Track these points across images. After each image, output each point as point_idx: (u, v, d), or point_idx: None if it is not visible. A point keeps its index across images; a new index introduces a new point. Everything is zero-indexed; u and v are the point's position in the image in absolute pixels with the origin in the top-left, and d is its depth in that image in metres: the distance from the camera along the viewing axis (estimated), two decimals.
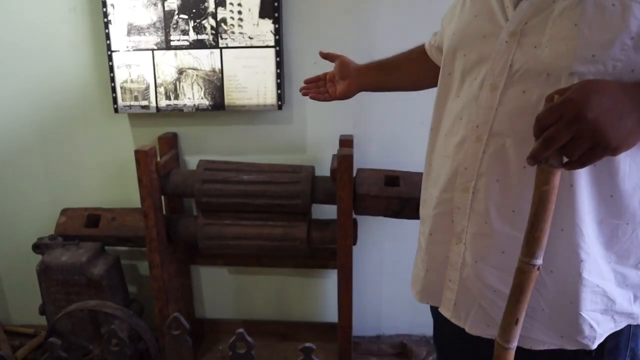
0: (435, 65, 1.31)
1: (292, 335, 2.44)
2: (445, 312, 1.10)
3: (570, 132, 0.75)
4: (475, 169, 0.96)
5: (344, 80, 1.46)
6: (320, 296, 2.43)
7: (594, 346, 0.95)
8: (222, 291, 2.46)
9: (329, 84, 1.50)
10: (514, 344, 0.90)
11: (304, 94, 1.53)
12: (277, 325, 2.44)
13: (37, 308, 2.24)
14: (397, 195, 1.94)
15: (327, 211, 2.20)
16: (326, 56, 1.51)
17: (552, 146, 0.77)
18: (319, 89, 1.53)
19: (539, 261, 0.84)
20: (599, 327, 0.94)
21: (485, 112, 0.94)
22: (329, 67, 2.02)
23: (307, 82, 1.55)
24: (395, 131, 2.16)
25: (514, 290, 0.88)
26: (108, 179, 2.31)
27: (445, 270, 1.08)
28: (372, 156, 2.16)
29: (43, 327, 2.48)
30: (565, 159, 0.80)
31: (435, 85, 1.22)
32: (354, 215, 2.00)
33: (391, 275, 2.37)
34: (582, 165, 0.79)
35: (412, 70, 1.43)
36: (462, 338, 1.19)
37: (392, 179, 2.00)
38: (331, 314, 2.43)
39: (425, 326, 2.43)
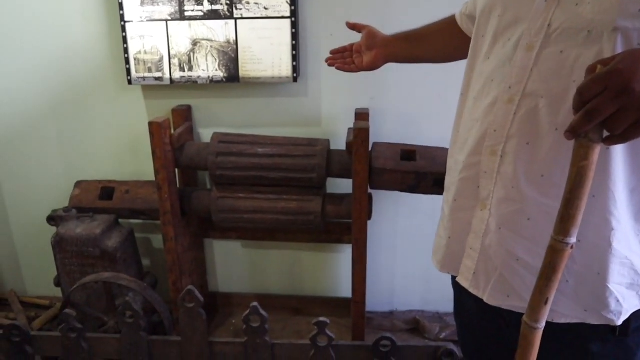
0: (465, 36, 1.28)
1: (305, 310, 2.44)
2: (464, 281, 1.08)
3: (616, 105, 0.71)
4: (504, 131, 0.94)
5: (371, 51, 1.43)
6: (333, 271, 2.42)
7: (619, 322, 0.93)
8: (235, 265, 2.46)
9: (356, 54, 1.47)
10: (543, 324, 0.87)
11: (330, 65, 1.50)
12: (290, 299, 2.44)
13: (52, 280, 2.25)
14: (414, 170, 1.91)
15: (341, 185, 2.18)
16: (353, 26, 1.48)
17: (594, 119, 0.73)
18: (345, 59, 1.49)
19: (573, 239, 0.81)
20: (624, 302, 0.92)
21: (520, 73, 0.91)
22: (345, 39, 1.98)
23: (333, 52, 1.52)
24: (411, 105, 2.12)
25: (545, 269, 0.85)
26: (122, 151, 2.30)
27: (467, 238, 1.06)
28: (388, 130, 2.13)
29: (58, 299, 2.50)
30: (605, 134, 0.76)
31: (464, 57, 1.19)
32: (369, 190, 1.99)
33: (405, 252, 2.36)
34: (624, 140, 0.76)
35: (441, 42, 1.39)
36: (482, 310, 1.17)
37: (409, 153, 1.98)
38: (344, 289, 2.43)
39: (438, 303, 2.43)
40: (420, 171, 1.91)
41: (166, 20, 2.01)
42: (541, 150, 0.90)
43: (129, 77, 2.09)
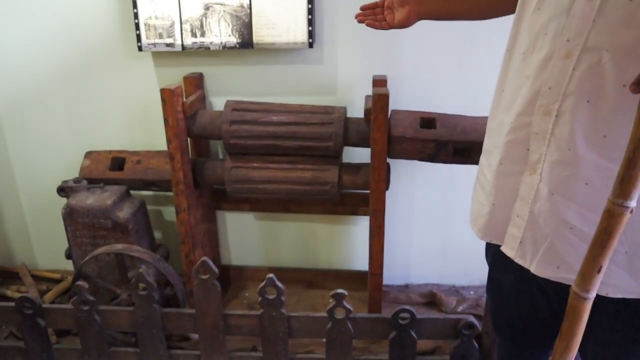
0: None
1: (319, 283, 2.40)
2: (509, 251, 1.03)
3: None
4: (561, 89, 0.87)
5: (403, 7, 1.34)
6: (348, 243, 2.38)
7: None
8: (248, 238, 2.42)
9: (387, 10, 1.38)
10: (593, 294, 0.82)
11: (360, 21, 1.43)
12: (304, 272, 2.40)
13: (62, 253, 2.22)
14: (434, 138, 1.85)
15: (357, 155, 2.12)
16: None
17: None
18: (375, 16, 1.41)
19: (633, 203, 0.76)
20: None
21: (579, 24, 0.84)
22: (361, 4, 1.92)
23: (363, 8, 1.44)
24: (430, 73, 2.06)
25: (599, 235, 0.79)
26: (132, 121, 2.25)
27: (514, 205, 1.00)
28: (405, 98, 2.06)
29: (69, 272, 2.47)
30: None
31: (505, 13, 1.12)
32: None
33: (421, 224, 2.31)
34: None
35: None
36: (521, 284, 1.12)
37: (428, 121, 1.91)
38: (359, 262, 2.39)
39: (454, 276, 2.39)
40: (440, 139, 1.85)
41: None
42: (604, 109, 0.83)
43: (139, 44, 2.03)
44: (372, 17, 1.43)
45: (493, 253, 1.23)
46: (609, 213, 0.78)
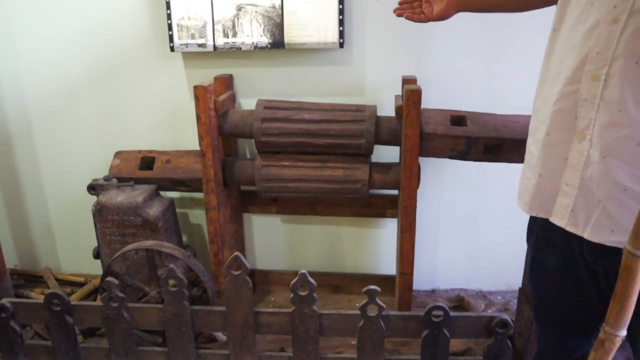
0: None
1: (346, 288, 2.38)
2: (559, 220, 1.03)
3: None
4: (609, 53, 0.89)
5: (442, 0, 1.37)
6: (375, 247, 2.36)
7: None
8: (274, 241, 2.41)
9: (425, 4, 1.41)
10: None
11: (399, 15, 1.45)
12: (330, 277, 2.38)
13: (86, 257, 2.21)
14: (465, 135, 1.86)
15: (386, 156, 2.13)
16: None
17: None
18: (414, 9, 1.44)
19: None
20: None
21: None
22: (391, 4, 1.95)
23: (401, 2, 1.46)
24: (458, 73, 2.07)
25: None
26: (162, 121, 2.27)
27: (562, 174, 1.00)
28: (435, 98, 2.07)
29: (93, 276, 2.47)
30: None
31: (544, 4, 1.14)
32: None
33: (448, 227, 2.30)
34: None
35: None
36: (568, 263, 1.11)
37: (459, 118, 1.92)
38: (385, 266, 2.37)
39: (481, 280, 2.37)
40: (471, 136, 1.86)
41: None
42: None
43: (171, 44, 2.06)
44: (410, 10, 1.45)
45: (537, 233, 1.21)
46: None
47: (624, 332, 0.85)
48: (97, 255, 2.13)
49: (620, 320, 0.86)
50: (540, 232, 1.19)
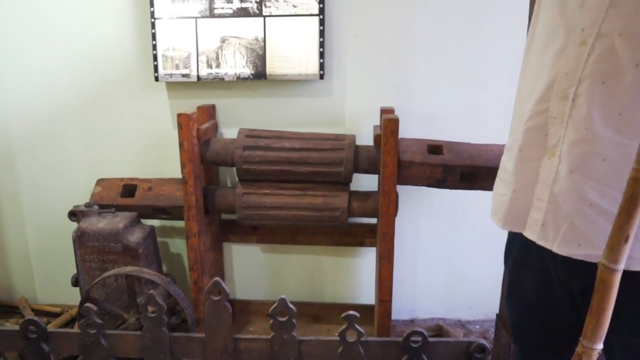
0: None
1: (325, 317, 2.39)
2: (531, 234, 1.06)
3: None
4: (577, 73, 0.93)
5: None
6: (354, 276, 2.38)
7: None
8: (254, 271, 2.42)
9: None
10: (622, 265, 0.83)
11: None
12: (310, 306, 2.39)
13: (64, 287, 2.19)
14: (441, 163, 1.91)
15: (365, 186, 2.17)
16: None
17: None
18: None
19: None
20: None
21: (593, 15, 0.91)
22: (369, 39, 2.04)
23: None
24: (435, 104, 2.14)
25: (625, 204, 0.81)
26: (145, 149, 2.30)
27: (534, 189, 1.04)
28: (412, 128, 2.14)
29: (70, 307, 2.44)
30: None
31: None
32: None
33: (426, 256, 2.34)
34: None
35: None
36: (545, 284, 1.13)
37: (435, 147, 1.98)
38: (365, 296, 2.39)
39: (459, 310, 2.39)
40: (447, 164, 1.91)
41: (196, 18, 2.04)
42: (619, 88, 0.89)
43: (156, 74, 2.11)
44: None
45: (514, 255, 1.24)
46: (634, 180, 0.79)
47: (600, 346, 0.87)
48: (75, 282, 2.12)
49: (596, 333, 0.87)
50: (517, 253, 1.22)
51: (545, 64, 1.01)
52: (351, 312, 1.72)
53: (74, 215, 2.08)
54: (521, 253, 1.20)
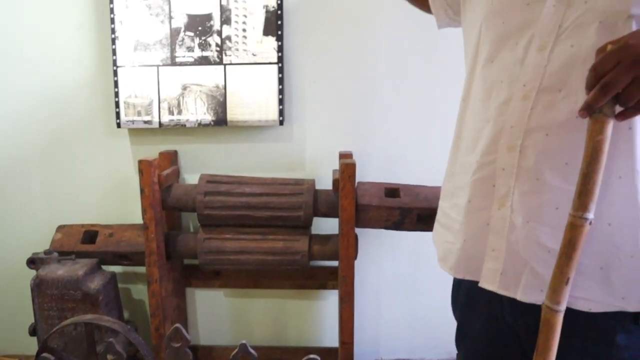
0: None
1: None
2: (490, 284, 1.06)
3: (630, 75, 0.77)
4: (522, 126, 0.97)
5: None
6: (318, 319, 2.39)
7: None
8: (217, 316, 2.41)
9: None
10: (564, 306, 0.87)
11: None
12: (274, 350, 2.37)
13: (22, 337, 2.15)
14: (398, 206, 1.96)
15: (326, 229, 2.20)
16: None
17: (610, 92, 0.79)
18: None
19: (591, 215, 0.83)
20: None
21: (534, 71, 0.96)
22: (327, 86, 2.10)
23: None
24: (393, 147, 2.20)
25: (564, 248, 0.86)
26: (106, 196, 2.30)
27: (486, 239, 1.05)
28: (371, 172, 2.19)
29: (28, 357, 2.38)
30: (618, 109, 0.82)
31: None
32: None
33: (390, 297, 2.36)
34: (637, 112, 0.81)
35: None
36: (490, 322, 1.15)
37: (392, 190, 2.03)
38: (328, 338, 2.39)
39: (424, 349, 2.41)
40: (404, 207, 1.96)
41: (157, 66, 2.08)
42: (562, 140, 0.93)
43: (117, 121, 2.13)
44: None
45: (461, 300, 1.25)
46: (571, 226, 0.85)
47: None
48: (33, 332, 2.08)
49: None
50: (464, 298, 1.23)
51: (488, 116, 1.04)
52: (312, 356, 1.72)
53: (32, 262, 2.06)
54: (468, 298, 1.21)
